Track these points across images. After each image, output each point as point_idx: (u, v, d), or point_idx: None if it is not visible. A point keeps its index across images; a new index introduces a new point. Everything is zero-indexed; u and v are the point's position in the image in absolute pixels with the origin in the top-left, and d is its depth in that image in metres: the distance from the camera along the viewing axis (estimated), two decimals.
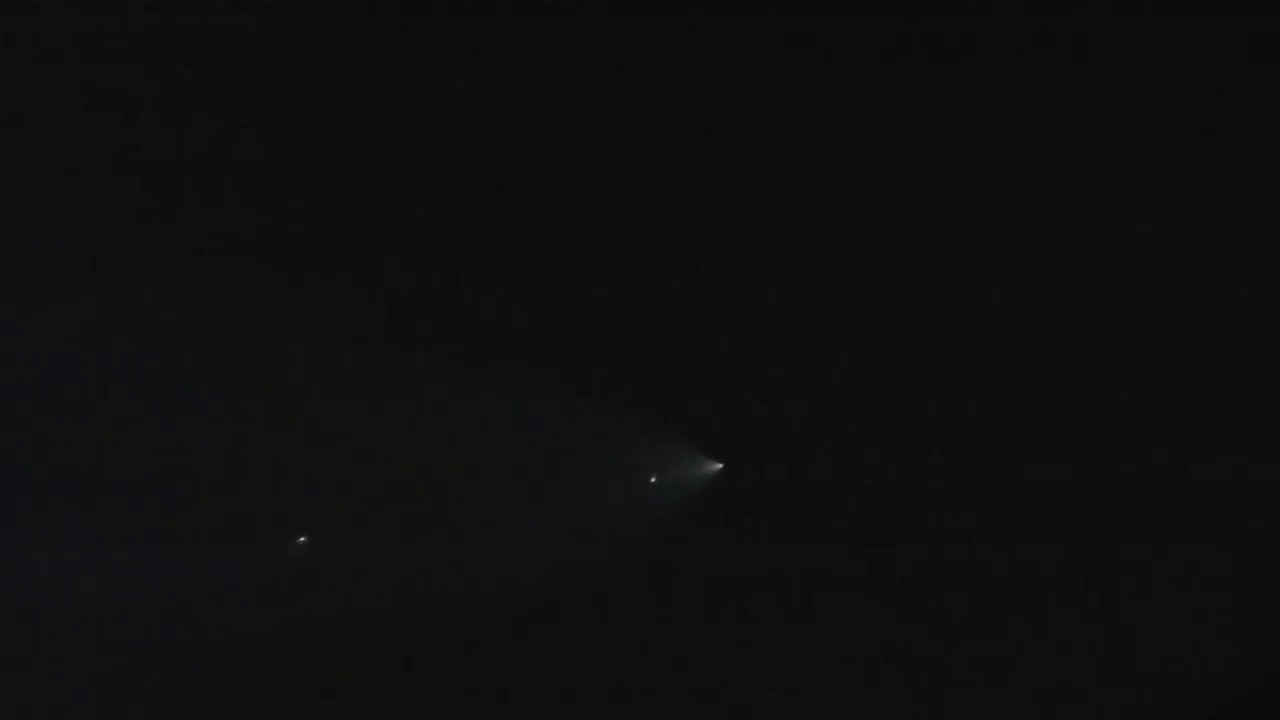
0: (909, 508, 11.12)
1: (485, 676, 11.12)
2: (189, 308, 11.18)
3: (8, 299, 10.94)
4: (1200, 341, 10.83)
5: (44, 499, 11.17)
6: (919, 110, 11.04)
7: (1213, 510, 10.68)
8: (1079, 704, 10.57)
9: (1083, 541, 10.85)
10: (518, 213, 11.29)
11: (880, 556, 11.03)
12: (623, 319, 11.37)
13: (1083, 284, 11.00)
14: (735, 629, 11.20)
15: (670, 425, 11.50)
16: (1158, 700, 10.46)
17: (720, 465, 11.57)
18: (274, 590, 11.27)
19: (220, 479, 11.29)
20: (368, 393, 11.40)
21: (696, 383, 11.45)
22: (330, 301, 11.28)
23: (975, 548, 10.97)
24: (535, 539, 11.52)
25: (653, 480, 11.53)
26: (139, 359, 11.16)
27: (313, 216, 11.21)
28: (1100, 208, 10.98)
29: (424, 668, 11.15)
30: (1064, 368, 11.02)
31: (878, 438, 11.23)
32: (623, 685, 10.99)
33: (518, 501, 11.55)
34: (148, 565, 11.18)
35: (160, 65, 10.97)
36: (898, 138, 11.04)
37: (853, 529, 11.14)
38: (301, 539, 11.32)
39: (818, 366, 11.28)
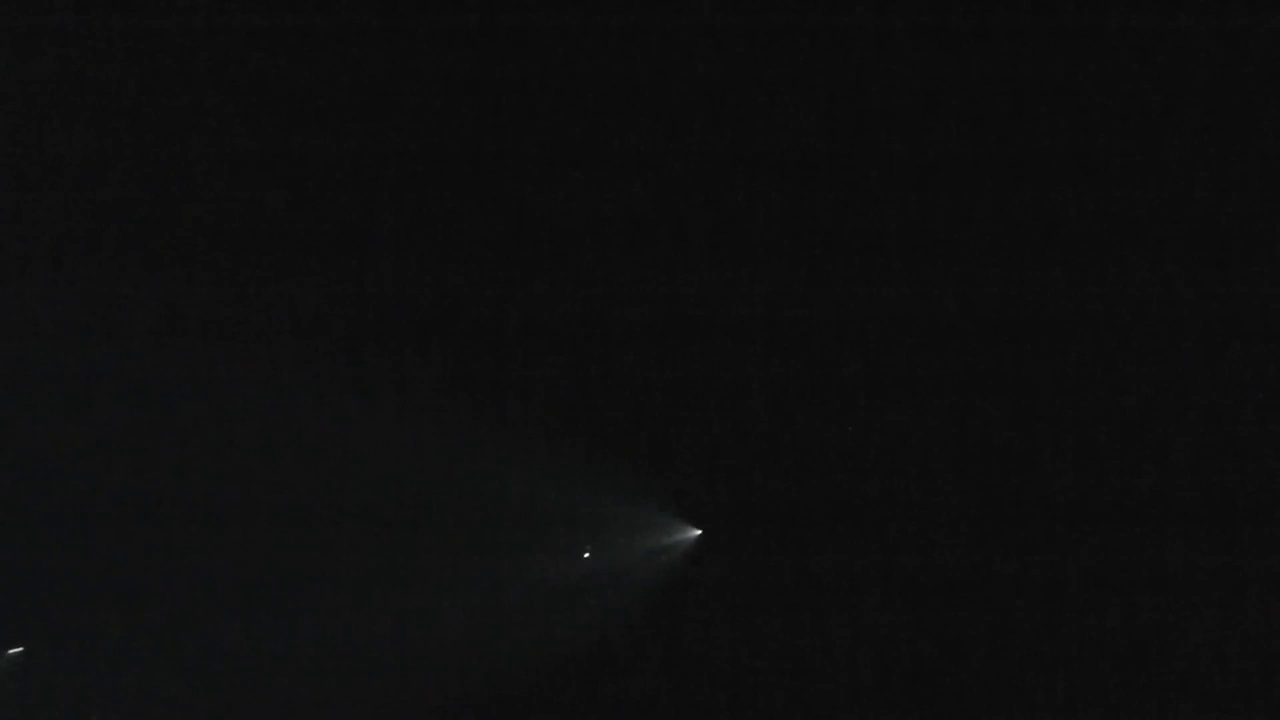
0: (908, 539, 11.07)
1: None
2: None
3: None
4: (1213, 342, 10.83)
5: None
6: (915, 118, 11.00)
7: (1229, 513, 10.70)
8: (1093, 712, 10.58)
9: (1094, 549, 10.86)
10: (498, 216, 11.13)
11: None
12: (605, 372, 11.25)
13: (1087, 286, 11.00)
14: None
15: (648, 488, 11.36)
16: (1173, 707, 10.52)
17: (699, 531, 11.43)
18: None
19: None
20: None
21: (676, 440, 11.31)
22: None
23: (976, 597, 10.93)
24: (480, 612, 11.28)
25: (585, 555, 11.31)
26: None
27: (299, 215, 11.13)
28: (1108, 206, 10.96)
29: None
30: (1067, 373, 11.03)
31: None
32: None
33: (467, 567, 11.25)
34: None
35: (151, 62, 10.93)
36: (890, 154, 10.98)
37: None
38: (16, 650, 10.66)
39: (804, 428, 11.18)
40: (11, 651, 10.63)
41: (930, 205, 10.95)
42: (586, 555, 11.47)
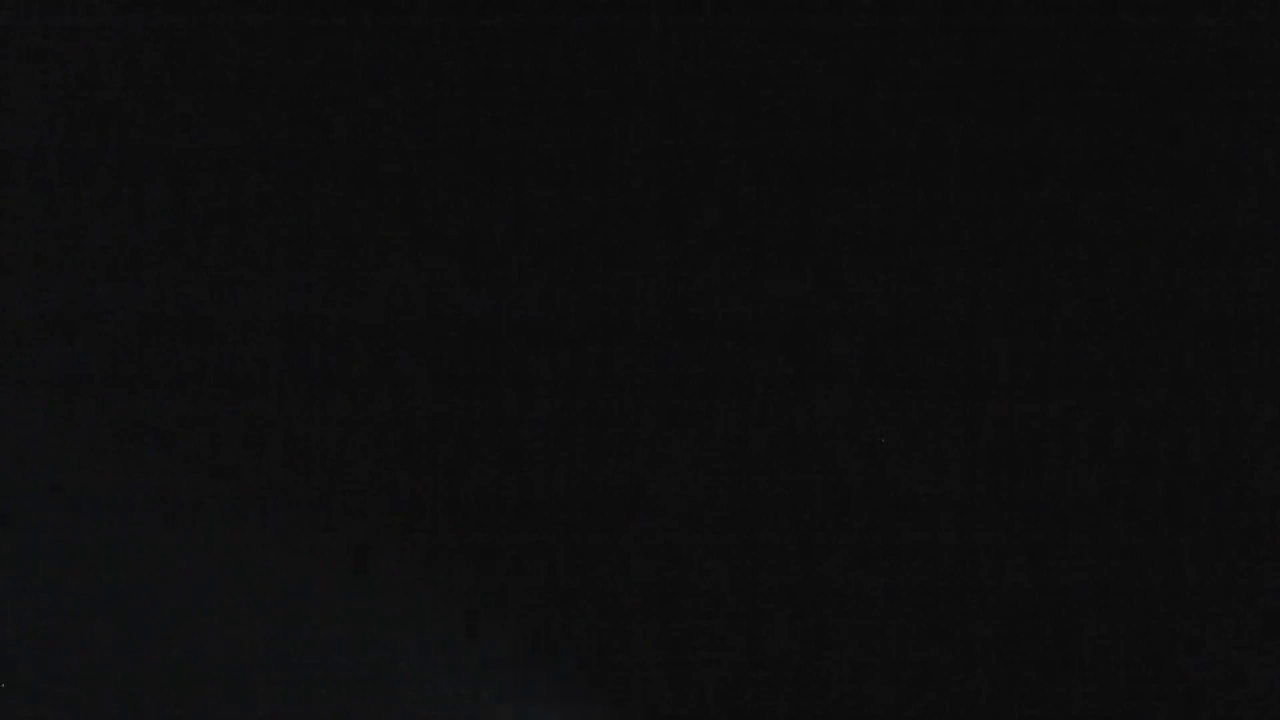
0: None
1: None
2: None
3: None
4: (1230, 340, 10.66)
5: None
6: (924, 115, 10.85)
7: (1253, 520, 10.55)
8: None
9: (1107, 554, 10.66)
10: None
11: None
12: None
13: (1103, 284, 10.82)
14: None
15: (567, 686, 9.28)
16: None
17: None
18: None
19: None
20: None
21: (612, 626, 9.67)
22: None
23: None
24: None
25: None
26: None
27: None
28: (1121, 203, 10.86)
29: None
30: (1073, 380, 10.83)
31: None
32: None
33: None
34: None
35: (140, 58, 10.81)
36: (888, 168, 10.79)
37: None
38: None
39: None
40: None
41: (938, 203, 10.95)
42: None
